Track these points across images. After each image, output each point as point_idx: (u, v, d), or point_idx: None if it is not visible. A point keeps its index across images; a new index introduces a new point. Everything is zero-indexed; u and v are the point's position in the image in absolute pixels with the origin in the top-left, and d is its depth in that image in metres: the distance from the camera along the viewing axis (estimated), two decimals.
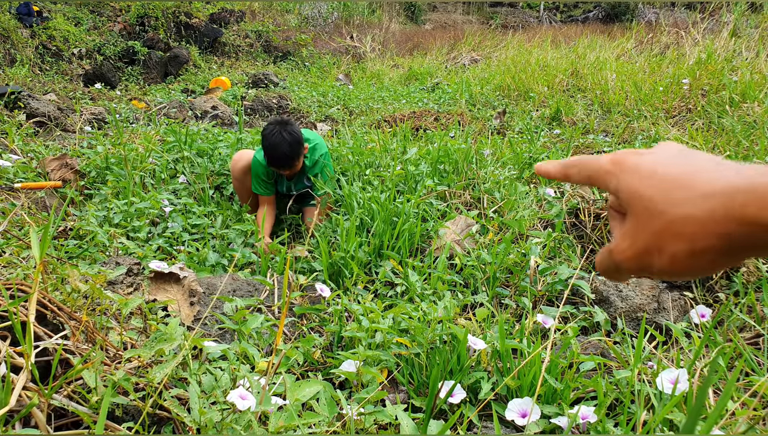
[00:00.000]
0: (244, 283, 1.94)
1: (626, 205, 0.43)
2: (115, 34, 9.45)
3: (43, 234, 0.91)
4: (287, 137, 2.70)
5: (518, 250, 2.12)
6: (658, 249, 0.41)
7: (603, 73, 6.20)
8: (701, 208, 0.39)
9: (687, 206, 0.39)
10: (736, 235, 0.38)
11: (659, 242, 0.41)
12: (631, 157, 0.44)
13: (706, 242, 0.39)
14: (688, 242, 0.39)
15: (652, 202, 0.41)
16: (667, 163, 0.42)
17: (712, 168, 0.40)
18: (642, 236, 0.42)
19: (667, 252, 0.40)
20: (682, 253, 0.40)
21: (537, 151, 3.35)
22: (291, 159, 2.75)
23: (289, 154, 2.72)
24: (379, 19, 14.65)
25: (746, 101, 4.35)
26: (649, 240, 0.41)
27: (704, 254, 0.39)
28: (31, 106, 4.74)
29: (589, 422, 1.21)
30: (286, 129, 2.71)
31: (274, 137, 2.70)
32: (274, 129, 2.72)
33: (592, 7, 18.66)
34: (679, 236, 0.40)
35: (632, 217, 0.43)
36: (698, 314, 1.70)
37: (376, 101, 6.91)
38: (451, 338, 1.49)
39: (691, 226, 0.39)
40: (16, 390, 0.82)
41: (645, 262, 0.42)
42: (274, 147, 2.70)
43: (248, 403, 0.95)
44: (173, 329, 1.05)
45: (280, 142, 2.69)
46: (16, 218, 2.26)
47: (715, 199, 0.38)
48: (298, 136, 2.75)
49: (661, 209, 0.41)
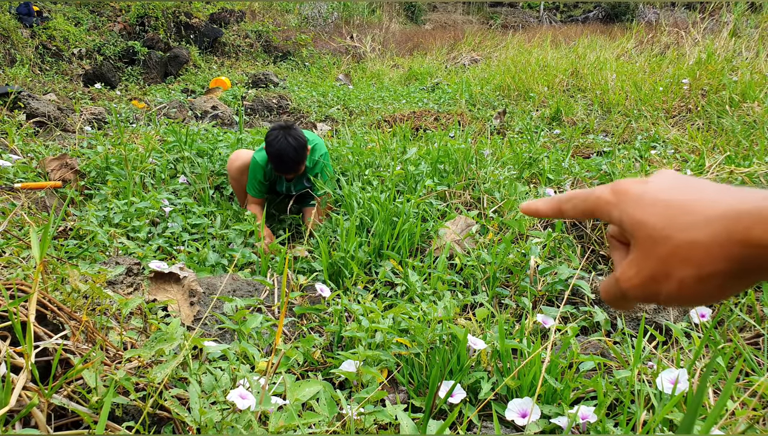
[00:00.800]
0: (244, 283, 1.94)
1: (630, 234, 0.43)
2: (115, 34, 9.45)
3: (43, 234, 0.91)
4: (292, 142, 2.71)
5: (518, 250, 2.12)
6: (665, 275, 0.41)
7: (603, 73, 6.20)
8: (705, 232, 0.39)
9: (691, 231, 0.39)
10: (742, 258, 0.38)
11: (666, 268, 0.41)
12: (632, 186, 0.44)
13: (713, 267, 0.39)
14: (695, 266, 0.39)
15: (656, 229, 0.41)
16: (669, 190, 0.43)
17: (714, 193, 0.40)
18: (648, 264, 0.42)
19: (675, 278, 0.40)
20: (690, 278, 0.40)
21: (537, 151, 3.35)
22: (297, 163, 2.76)
23: (295, 158, 2.73)
24: (379, 19, 14.65)
25: (746, 101, 4.35)
26: (655, 267, 0.41)
27: (712, 278, 0.39)
28: (31, 106, 4.74)
29: (589, 422, 1.21)
30: (290, 134, 2.72)
31: (279, 143, 2.70)
32: (278, 135, 2.72)
33: (592, 7, 18.66)
34: (686, 261, 0.40)
35: (637, 245, 0.43)
36: (698, 313, 1.70)
37: (376, 101, 6.91)
38: (451, 338, 1.49)
39: (696, 250, 0.39)
40: (16, 390, 0.82)
41: (652, 289, 0.42)
42: (279, 153, 2.71)
43: (248, 403, 0.95)
44: (173, 329, 1.05)
45: (286, 148, 2.70)
46: (16, 218, 2.26)
47: (718, 222, 0.38)
48: (302, 140, 2.75)
49: (666, 235, 0.41)
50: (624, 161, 3.30)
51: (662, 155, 3.53)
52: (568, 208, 0.49)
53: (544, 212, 0.52)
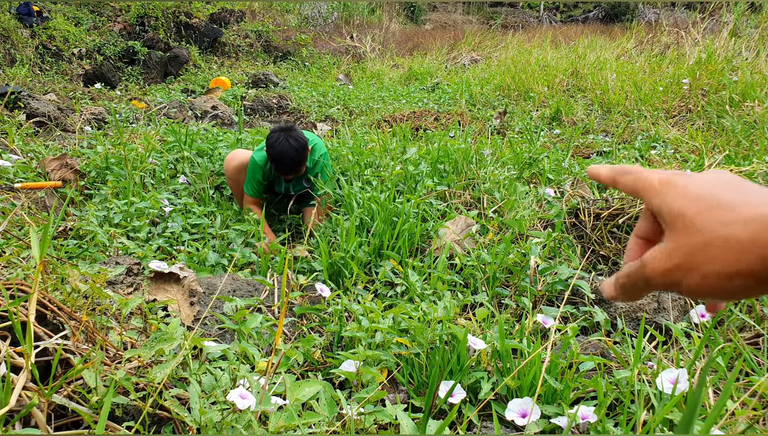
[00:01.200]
0: (244, 283, 1.94)
1: (666, 223, 0.44)
2: (115, 34, 9.45)
3: (43, 234, 0.91)
4: (293, 144, 2.72)
5: (518, 250, 2.12)
6: (691, 267, 0.41)
7: (603, 73, 6.20)
8: (740, 230, 0.39)
9: (727, 228, 0.40)
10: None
11: (694, 260, 0.41)
12: (680, 179, 0.45)
13: (741, 266, 0.39)
14: (723, 263, 0.39)
15: (693, 221, 0.42)
16: (711, 186, 0.43)
17: (757, 195, 0.41)
18: (678, 253, 0.42)
19: (700, 272, 0.41)
20: (715, 274, 0.40)
21: (537, 151, 3.35)
22: (298, 165, 2.78)
23: (296, 160, 2.74)
24: (379, 19, 14.65)
25: (746, 101, 4.35)
26: (684, 257, 0.42)
27: (739, 277, 0.39)
28: (31, 106, 4.74)
29: (589, 422, 1.21)
30: (291, 135, 2.73)
31: (281, 145, 2.71)
32: (279, 136, 2.73)
33: (592, 7, 18.66)
34: (715, 256, 0.40)
35: (671, 235, 0.43)
36: (698, 313, 1.70)
37: (376, 101, 6.91)
38: (451, 338, 1.49)
39: (729, 248, 0.39)
40: (16, 390, 0.82)
41: (676, 278, 0.43)
42: (281, 155, 2.72)
43: (248, 402, 0.95)
44: (173, 329, 1.05)
45: (288, 150, 2.71)
46: (16, 218, 2.26)
47: (756, 224, 0.38)
48: (303, 142, 2.76)
49: (701, 228, 0.41)
50: (624, 161, 3.30)
51: (662, 155, 3.53)
52: (625, 180, 0.51)
53: (604, 178, 0.53)
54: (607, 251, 2.27)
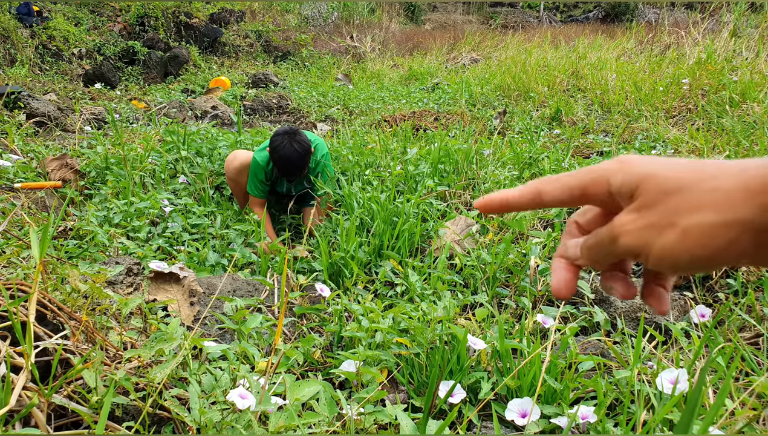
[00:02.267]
0: (244, 283, 1.94)
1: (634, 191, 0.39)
2: (115, 34, 9.45)
3: (43, 234, 0.91)
4: (298, 148, 2.73)
5: (518, 250, 2.12)
6: (669, 224, 0.37)
7: (603, 73, 6.20)
8: (733, 179, 0.35)
9: (716, 180, 0.35)
10: None
11: (672, 217, 0.37)
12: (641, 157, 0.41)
13: (732, 214, 0.34)
14: (710, 211, 0.35)
15: (668, 179, 0.37)
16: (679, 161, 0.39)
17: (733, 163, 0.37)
18: (652, 212, 0.38)
19: (681, 226, 0.36)
20: (700, 228, 0.35)
21: (537, 151, 3.35)
22: (302, 168, 2.79)
23: (300, 164, 2.76)
24: (379, 19, 14.66)
25: (746, 101, 4.35)
26: (659, 216, 0.37)
27: (731, 228, 0.34)
28: (31, 106, 4.74)
29: (588, 422, 1.21)
30: (295, 139, 2.74)
31: (285, 149, 2.72)
32: (283, 140, 2.74)
33: (592, 7, 18.66)
34: (703, 205, 0.35)
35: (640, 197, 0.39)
36: (698, 314, 1.70)
37: (376, 101, 6.91)
38: (451, 338, 1.50)
39: (716, 196, 0.35)
40: (16, 390, 0.82)
41: (647, 239, 0.38)
42: (286, 159, 2.73)
43: (248, 402, 0.95)
44: (173, 329, 1.05)
45: (292, 154, 2.72)
46: (16, 218, 2.26)
47: (752, 171, 0.34)
48: (307, 145, 2.77)
49: (679, 183, 0.37)
50: None
51: (662, 155, 3.53)
52: (550, 189, 0.44)
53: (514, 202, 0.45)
54: None
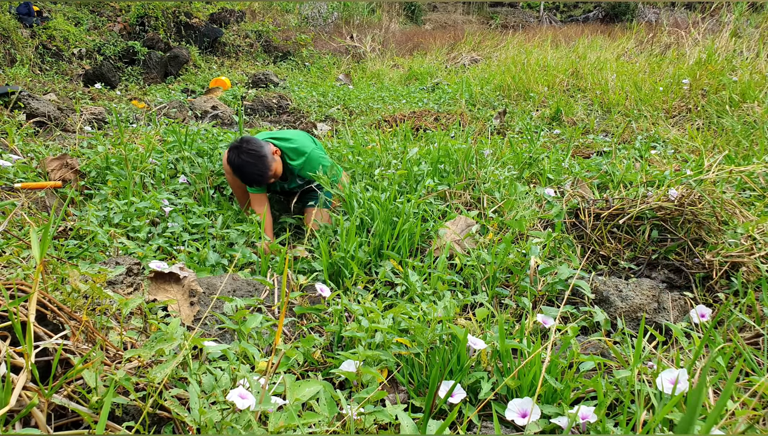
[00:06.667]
0: (244, 283, 1.94)
1: None
2: (115, 34, 9.45)
3: (43, 234, 0.91)
4: (246, 158, 2.75)
5: (518, 250, 2.12)
6: None
7: (603, 73, 6.20)
8: None
9: None
10: None
11: None
12: None
13: None
14: None
15: None
16: None
17: None
18: None
19: None
20: None
21: (537, 151, 3.35)
22: (262, 175, 2.78)
23: (258, 172, 2.76)
24: (379, 19, 14.65)
25: (746, 101, 4.35)
26: None
27: None
28: (31, 106, 4.74)
29: (589, 422, 1.21)
30: (243, 150, 2.76)
31: (236, 163, 2.76)
32: (231, 155, 2.78)
33: (592, 7, 18.66)
34: None
35: None
36: (698, 314, 1.70)
37: (376, 101, 6.91)
38: (451, 338, 1.49)
39: None
40: (16, 390, 0.82)
41: None
42: (241, 171, 2.77)
43: (248, 402, 0.95)
44: (173, 329, 1.05)
45: (244, 165, 2.75)
46: (16, 218, 2.26)
47: None
48: (257, 152, 2.77)
49: None
50: (624, 161, 3.30)
51: (662, 155, 3.53)
52: None
53: None
54: (607, 250, 2.26)
